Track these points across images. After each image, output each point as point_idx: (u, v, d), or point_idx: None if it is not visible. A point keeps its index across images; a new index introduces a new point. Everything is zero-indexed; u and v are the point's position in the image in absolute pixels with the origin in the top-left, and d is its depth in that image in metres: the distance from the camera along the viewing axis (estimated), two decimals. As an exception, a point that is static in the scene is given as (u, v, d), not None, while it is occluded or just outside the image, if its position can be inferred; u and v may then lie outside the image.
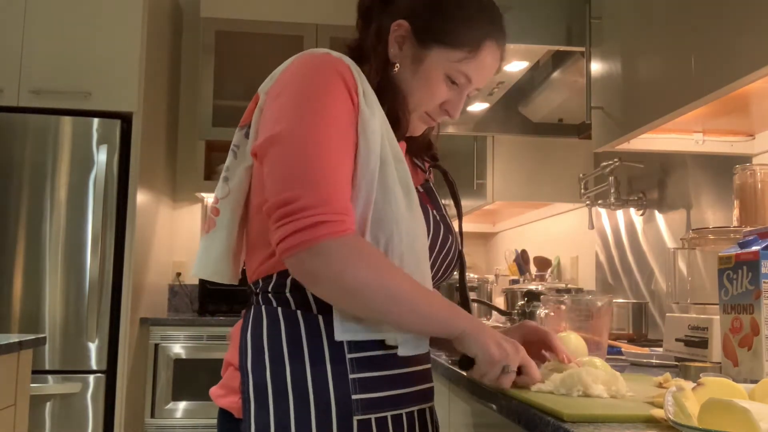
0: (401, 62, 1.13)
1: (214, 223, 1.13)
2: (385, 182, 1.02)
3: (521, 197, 3.11)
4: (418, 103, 1.14)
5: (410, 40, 1.12)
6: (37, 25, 3.26)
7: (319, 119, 0.99)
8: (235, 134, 1.15)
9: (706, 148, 1.83)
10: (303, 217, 0.94)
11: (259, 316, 1.07)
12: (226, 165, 1.14)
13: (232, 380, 1.05)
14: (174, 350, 3.41)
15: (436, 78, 1.12)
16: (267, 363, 1.01)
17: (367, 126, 1.03)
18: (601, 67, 1.92)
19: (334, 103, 1.01)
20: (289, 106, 1.01)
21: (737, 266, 1.14)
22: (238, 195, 1.11)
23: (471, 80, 1.13)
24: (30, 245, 3.14)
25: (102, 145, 3.20)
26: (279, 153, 0.99)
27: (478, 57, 1.12)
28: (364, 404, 1.01)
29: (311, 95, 1.01)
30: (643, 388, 1.08)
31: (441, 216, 1.17)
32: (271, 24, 3.90)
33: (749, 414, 0.70)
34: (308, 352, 1.02)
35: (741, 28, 1.28)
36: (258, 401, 1.00)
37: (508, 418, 1.06)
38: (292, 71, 1.06)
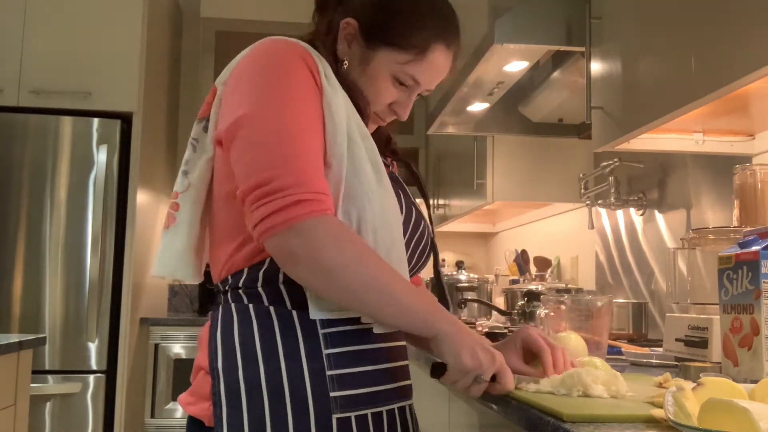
0: (350, 60, 1.12)
1: (174, 219, 1.10)
2: (353, 158, 1.00)
3: (521, 197, 3.11)
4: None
5: (358, 39, 1.11)
6: (37, 25, 3.26)
7: (286, 99, 0.98)
8: (193, 127, 1.12)
9: (706, 148, 1.83)
10: (282, 196, 0.91)
11: (228, 315, 1.02)
12: (185, 159, 1.11)
13: (202, 386, 1.01)
14: (174, 350, 3.41)
15: (382, 79, 1.10)
16: (239, 362, 0.97)
17: (331, 103, 1.01)
18: (601, 67, 1.92)
19: (298, 83, 0.99)
20: (252, 89, 0.99)
21: (737, 266, 1.14)
22: (198, 188, 1.09)
23: (419, 82, 1.12)
24: (30, 245, 3.14)
25: (102, 145, 3.20)
26: (247, 136, 0.97)
27: (425, 59, 1.10)
28: (342, 402, 0.97)
29: (274, 76, 0.99)
30: (643, 388, 1.08)
31: (411, 202, 1.15)
32: (271, 24, 3.91)
33: (749, 414, 0.70)
34: (282, 349, 0.97)
35: (741, 28, 1.28)
36: (230, 403, 0.95)
37: (508, 418, 1.06)
38: (249, 58, 1.05)
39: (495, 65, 2.24)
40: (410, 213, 1.11)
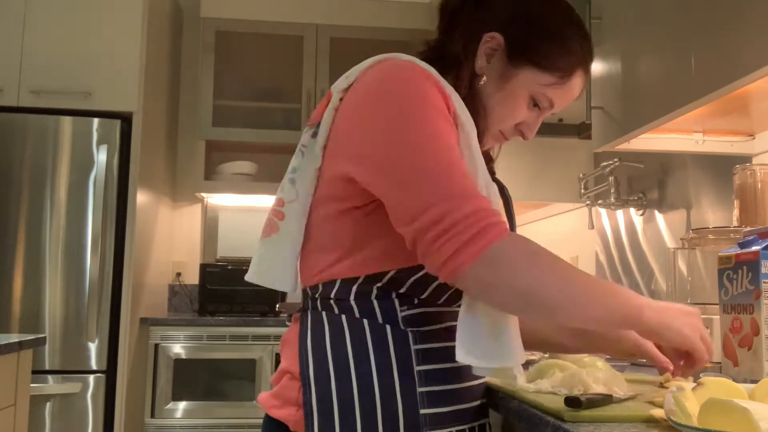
0: (487, 76, 1.08)
1: (277, 228, 1.07)
2: None
3: (521, 197, 3.10)
4: (496, 120, 1.09)
5: (501, 55, 1.07)
6: (37, 25, 3.26)
7: (426, 126, 0.93)
8: (302, 134, 1.09)
9: (706, 148, 1.83)
10: (463, 228, 0.87)
11: (319, 322, 1.01)
12: (292, 166, 1.08)
13: (288, 390, 1.00)
14: (174, 350, 3.41)
15: (520, 98, 1.07)
16: (332, 374, 0.96)
17: (471, 141, 0.97)
18: (601, 67, 1.92)
19: (433, 107, 0.95)
20: (383, 121, 0.95)
21: (737, 266, 1.14)
22: (306, 199, 1.05)
23: (554, 105, 1.09)
24: (30, 245, 3.14)
25: (102, 145, 3.20)
26: (398, 174, 0.92)
27: (567, 84, 1.08)
28: (432, 419, 0.97)
29: (406, 103, 0.95)
30: (643, 388, 1.08)
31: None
32: (271, 24, 3.90)
33: (749, 414, 0.70)
34: (375, 363, 0.96)
35: (741, 28, 1.28)
36: (323, 414, 0.95)
37: (508, 417, 1.06)
38: (377, 78, 0.99)
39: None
40: None
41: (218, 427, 3.36)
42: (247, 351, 3.40)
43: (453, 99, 0.98)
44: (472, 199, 0.89)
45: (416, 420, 0.95)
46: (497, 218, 0.90)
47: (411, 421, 0.95)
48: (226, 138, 3.85)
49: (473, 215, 0.88)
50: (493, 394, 1.14)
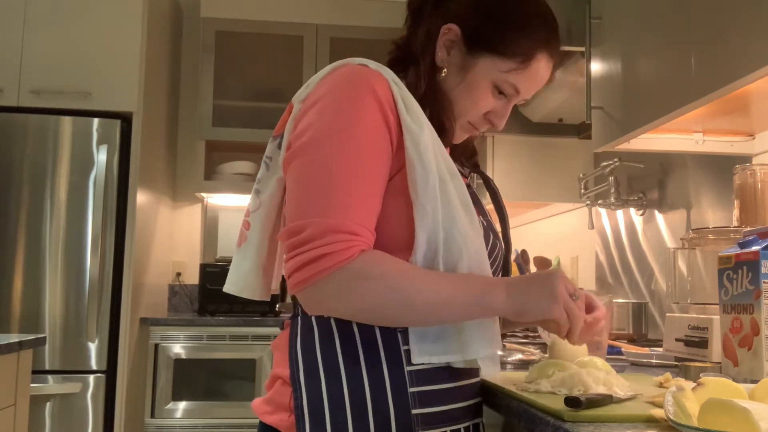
0: (448, 68, 1.08)
1: (245, 237, 1.10)
2: (447, 201, 0.98)
3: (521, 197, 3.11)
4: (462, 111, 1.09)
5: (459, 46, 1.07)
6: (37, 25, 3.26)
7: (341, 139, 0.95)
8: (268, 145, 1.11)
9: (706, 148, 1.83)
10: (307, 250, 0.91)
11: (309, 326, 1.01)
12: (258, 177, 1.11)
13: (280, 395, 1.01)
14: (174, 350, 3.41)
15: (483, 87, 1.07)
16: (322, 377, 0.96)
17: (419, 142, 0.97)
18: (601, 67, 1.92)
19: (360, 122, 0.96)
20: (315, 121, 0.97)
21: (737, 266, 1.14)
22: (269, 208, 1.08)
23: (519, 91, 1.09)
24: (30, 245, 3.14)
25: (102, 145, 3.20)
26: (298, 170, 0.96)
27: (529, 68, 1.07)
28: (424, 419, 0.97)
29: (338, 112, 0.96)
30: (643, 388, 1.08)
31: (487, 222, 1.14)
32: (271, 24, 3.90)
33: (749, 414, 0.70)
34: (365, 365, 0.97)
35: (741, 28, 1.28)
36: (313, 416, 0.95)
37: (508, 418, 1.06)
38: (326, 84, 1.01)
39: (495, 65, 2.24)
40: (488, 238, 1.10)
41: (218, 427, 3.36)
42: (247, 351, 3.40)
43: (400, 106, 0.98)
44: (337, 218, 0.91)
45: (408, 420, 0.95)
46: (348, 244, 0.91)
47: (403, 421, 0.95)
48: (226, 138, 3.85)
49: (324, 236, 0.91)
50: (493, 394, 1.14)
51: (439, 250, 0.96)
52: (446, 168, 1.00)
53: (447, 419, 1.00)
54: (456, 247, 0.97)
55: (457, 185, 1.00)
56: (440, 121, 1.07)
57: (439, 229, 0.96)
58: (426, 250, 0.96)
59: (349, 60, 1.04)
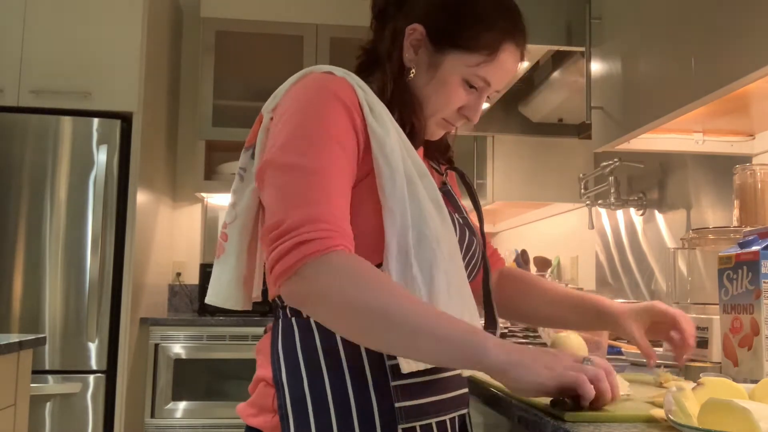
0: (417, 67, 1.09)
1: (223, 249, 1.10)
2: (416, 201, 0.97)
3: (521, 197, 3.11)
4: (435, 109, 1.10)
5: (425, 45, 1.08)
6: (37, 25, 3.26)
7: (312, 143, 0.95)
8: (240, 156, 1.12)
9: (706, 148, 1.83)
10: (286, 240, 0.88)
11: (289, 327, 1.01)
12: (233, 188, 1.11)
13: (264, 398, 1.01)
14: (174, 350, 3.41)
15: (453, 83, 1.08)
16: (304, 376, 0.96)
17: (384, 145, 0.98)
18: (601, 67, 1.92)
19: (329, 126, 0.96)
20: (283, 132, 0.98)
21: (737, 266, 1.14)
22: (245, 219, 1.08)
23: (490, 83, 1.09)
24: (30, 245, 3.14)
25: (102, 145, 3.20)
26: (271, 179, 0.95)
27: (496, 60, 1.07)
28: (407, 412, 0.96)
29: (307, 118, 0.97)
30: (643, 388, 1.08)
31: (463, 219, 1.14)
32: (271, 24, 3.90)
33: (749, 414, 0.70)
34: (346, 361, 0.97)
35: (741, 28, 1.28)
36: (297, 417, 0.95)
37: (508, 418, 1.06)
38: (291, 95, 1.02)
39: (495, 65, 2.24)
40: (463, 234, 1.09)
41: (218, 427, 3.36)
42: (247, 351, 3.40)
43: (366, 109, 0.99)
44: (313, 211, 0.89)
45: (392, 414, 0.95)
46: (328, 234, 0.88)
47: (386, 415, 0.95)
48: (226, 138, 3.85)
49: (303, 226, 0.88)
50: (494, 394, 1.14)
51: (410, 251, 0.95)
52: (415, 169, 1.00)
53: (431, 411, 0.99)
54: (428, 247, 0.96)
55: (427, 185, 1.00)
56: (410, 122, 1.07)
57: (408, 231, 0.95)
58: (397, 253, 0.95)
59: (314, 68, 1.05)
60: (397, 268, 0.95)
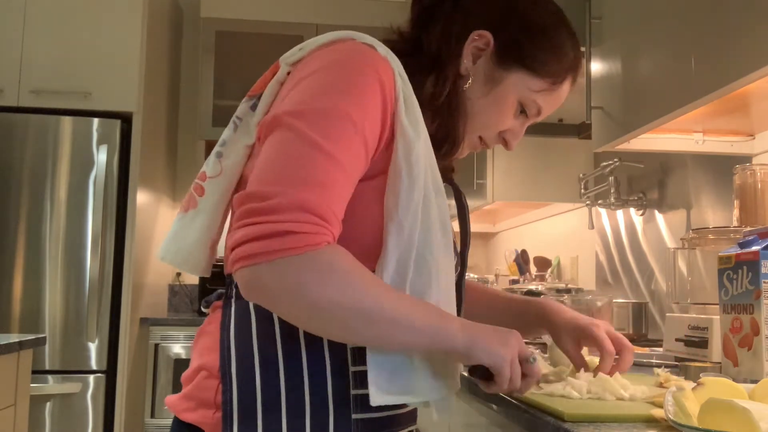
0: (474, 77, 1.00)
1: (195, 203, 0.97)
2: (427, 221, 0.89)
3: (521, 197, 3.11)
4: (481, 126, 1.02)
5: (489, 56, 0.99)
6: (37, 25, 3.26)
7: (339, 119, 0.83)
8: (240, 105, 0.98)
9: (706, 148, 1.83)
10: (271, 221, 0.77)
11: (245, 311, 0.89)
12: (222, 138, 0.97)
13: (204, 390, 0.89)
14: (174, 350, 3.41)
15: (509, 103, 1.00)
16: (257, 370, 0.86)
17: (411, 150, 0.87)
18: (601, 67, 1.92)
19: (360, 109, 0.85)
20: (310, 91, 0.86)
21: (737, 266, 1.14)
22: (231, 176, 0.95)
23: (541, 112, 1.03)
24: (30, 245, 3.14)
25: (102, 145, 3.20)
26: (279, 137, 0.83)
27: (557, 90, 1.02)
28: (363, 426, 0.89)
29: (339, 92, 0.85)
30: (643, 389, 1.08)
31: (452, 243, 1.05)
32: (271, 24, 3.90)
33: (749, 414, 0.70)
34: (307, 361, 0.87)
35: (741, 28, 1.28)
36: (244, 415, 0.84)
37: (508, 418, 1.06)
38: (327, 53, 0.90)
39: (495, 65, 2.24)
40: None
41: (218, 427, 3.36)
42: (247, 351, 3.40)
43: (401, 104, 0.89)
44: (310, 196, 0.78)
45: (347, 426, 0.87)
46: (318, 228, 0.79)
47: (342, 425, 0.87)
48: (226, 138, 3.84)
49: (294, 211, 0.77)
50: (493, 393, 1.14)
51: (408, 274, 0.87)
52: (433, 184, 0.91)
53: (385, 425, 0.92)
54: (426, 273, 0.89)
55: (440, 204, 0.91)
56: (453, 134, 0.99)
57: (412, 252, 0.87)
58: (394, 273, 0.87)
59: (352, 34, 0.93)
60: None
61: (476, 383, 0.93)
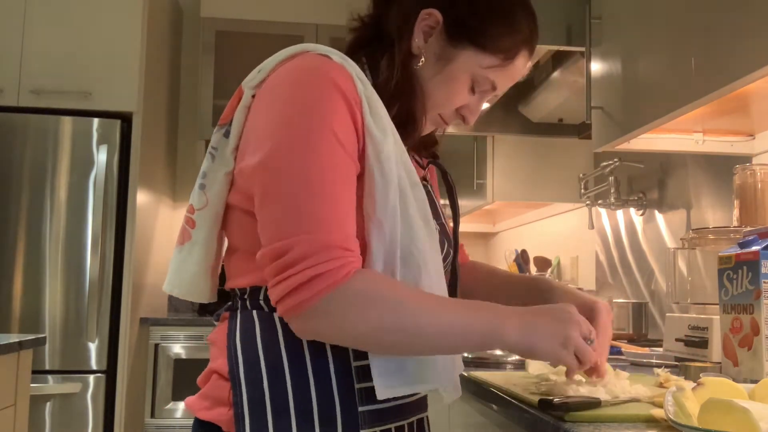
0: (425, 56, 1.00)
1: (189, 236, 1.01)
2: (406, 216, 0.91)
3: (521, 197, 3.11)
4: (436, 104, 1.03)
5: (439, 34, 1.00)
6: (37, 25, 3.26)
7: (313, 144, 0.86)
8: (213, 135, 1.02)
9: (706, 148, 1.83)
10: (299, 271, 0.82)
11: (250, 321, 0.94)
12: (202, 170, 1.01)
13: (218, 390, 0.93)
14: (174, 350, 3.41)
15: (461, 81, 1.01)
16: (264, 375, 0.89)
17: (381, 152, 0.90)
18: (601, 67, 1.92)
19: (330, 123, 0.87)
20: (278, 123, 0.89)
21: (737, 266, 1.14)
22: (217, 205, 0.99)
23: (496, 88, 1.04)
24: (30, 245, 3.14)
25: (102, 145, 3.20)
26: (268, 183, 0.87)
27: (511, 65, 1.02)
28: (369, 417, 0.92)
29: (303, 112, 0.88)
30: (643, 389, 1.08)
31: (441, 226, 1.06)
32: (271, 24, 3.90)
33: (749, 414, 0.70)
34: (311, 361, 0.90)
35: (741, 29, 1.28)
36: (254, 417, 0.88)
37: (508, 418, 1.06)
38: (283, 75, 0.94)
39: (495, 65, 2.24)
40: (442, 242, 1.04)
41: (218, 427, 3.35)
42: (247, 351, 3.40)
43: (364, 102, 0.91)
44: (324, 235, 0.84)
45: (354, 418, 0.90)
46: (341, 261, 0.84)
47: (349, 419, 0.90)
48: (226, 138, 3.84)
49: (315, 255, 0.83)
50: (493, 393, 1.14)
51: (396, 270, 0.90)
52: (407, 178, 0.93)
53: (393, 415, 0.96)
54: (415, 266, 0.91)
55: (417, 196, 0.94)
56: (413, 114, 1.00)
57: (396, 247, 0.90)
58: (383, 271, 0.90)
59: (307, 46, 0.96)
60: None
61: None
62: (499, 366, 1.43)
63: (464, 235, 1.24)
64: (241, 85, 0.99)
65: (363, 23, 1.07)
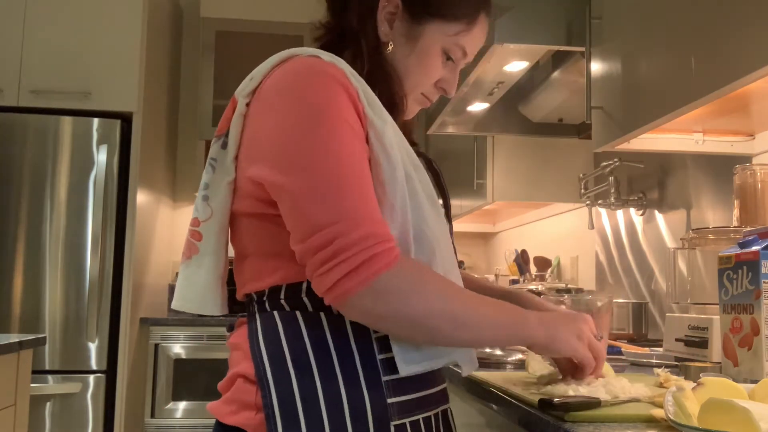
0: (394, 41, 1.05)
1: (196, 249, 1.01)
2: (415, 197, 0.94)
3: (521, 197, 3.11)
4: (415, 83, 1.07)
5: (402, 17, 1.05)
6: (37, 25, 3.26)
7: (331, 141, 0.88)
8: (211, 146, 1.02)
9: (706, 148, 1.83)
10: (354, 253, 0.84)
11: (271, 321, 0.95)
12: (204, 182, 1.02)
13: (243, 393, 0.93)
14: (174, 350, 3.41)
15: (433, 54, 1.05)
16: (291, 372, 0.90)
17: (383, 138, 0.92)
18: (601, 67, 1.92)
19: (342, 119, 0.90)
20: (290, 124, 0.90)
21: (737, 266, 1.14)
22: (222, 216, 0.99)
23: (467, 54, 1.08)
24: (30, 245, 3.14)
25: (102, 145, 3.20)
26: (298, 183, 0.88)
27: (475, 28, 1.07)
28: (399, 408, 0.93)
29: (313, 111, 0.90)
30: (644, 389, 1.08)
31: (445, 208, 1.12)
32: (271, 24, 3.91)
33: (749, 414, 0.70)
34: (336, 356, 0.91)
35: (741, 28, 1.28)
36: (286, 416, 0.88)
37: (508, 418, 1.06)
38: (279, 79, 0.96)
39: (495, 65, 2.24)
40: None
41: (218, 427, 3.36)
42: (247, 351, 3.40)
43: (361, 94, 0.94)
44: (364, 223, 0.86)
45: (384, 410, 0.91)
46: (388, 244, 0.87)
47: (379, 412, 0.91)
48: (226, 138, 3.85)
49: (362, 241, 0.85)
50: (493, 393, 1.14)
51: (411, 250, 0.93)
52: (410, 162, 0.96)
53: (420, 406, 0.97)
54: (428, 246, 0.94)
55: (421, 179, 0.96)
56: (392, 98, 1.03)
57: (409, 228, 0.93)
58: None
59: (297, 51, 0.98)
60: None
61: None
62: (499, 366, 1.44)
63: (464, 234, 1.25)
64: (234, 95, 1.01)
65: (326, 28, 1.11)
